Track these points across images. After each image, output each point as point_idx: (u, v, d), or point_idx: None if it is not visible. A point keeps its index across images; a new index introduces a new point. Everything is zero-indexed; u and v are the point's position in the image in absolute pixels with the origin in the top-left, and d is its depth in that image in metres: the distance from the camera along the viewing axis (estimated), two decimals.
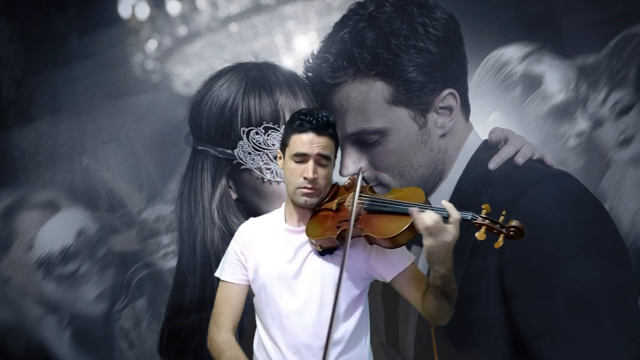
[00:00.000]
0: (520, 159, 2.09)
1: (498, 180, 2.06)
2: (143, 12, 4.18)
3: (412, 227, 1.75)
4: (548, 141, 3.39)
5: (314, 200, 1.86)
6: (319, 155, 1.83)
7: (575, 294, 1.92)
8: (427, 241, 1.72)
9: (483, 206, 1.74)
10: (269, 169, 2.09)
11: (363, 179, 1.92)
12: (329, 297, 1.82)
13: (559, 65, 3.46)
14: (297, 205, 1.87)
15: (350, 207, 1.82)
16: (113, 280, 3.72)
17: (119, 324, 3.73)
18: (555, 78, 3.43)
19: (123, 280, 3.74)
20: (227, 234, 2.08)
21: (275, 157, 2.08)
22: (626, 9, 3.50)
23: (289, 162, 1.85)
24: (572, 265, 1.93)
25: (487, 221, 1.73)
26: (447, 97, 2.12)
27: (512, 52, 3.45)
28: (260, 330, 1.89)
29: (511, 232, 1.71)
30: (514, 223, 1.71)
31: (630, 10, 3.47)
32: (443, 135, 2.14)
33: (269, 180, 2.09)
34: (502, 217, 1.73)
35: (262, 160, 2.08)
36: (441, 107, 2.12)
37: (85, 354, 3.69)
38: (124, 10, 4.18)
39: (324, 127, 1.83)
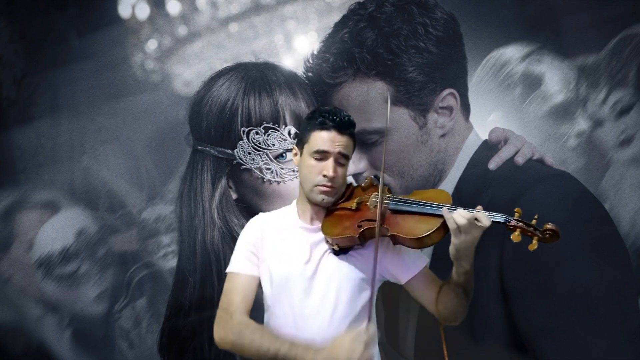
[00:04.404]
0: (520, 159, 2.08)
1: (498, 180, 2.06)
2: (143, 12, 4.19)
3: (442, 228, 1.75)
4: (548, 141, 3.39)
5: (331, 198, 1.83)
6: (340, 154, 1.80)
7: (575, 293, 1.92)
8: (458, 239, 1.72)
9: (516, 209, 1.73)
10: (269, 169, 2.09)
11: (378, 179, 1.91)
12: (344, 297, 1.81)
13: (559, 65, 3.46)
14: (313, 203, 1.85)
15: (373, 207, 1.81)
16: (113, 280, 3.72)
17: (119, 324, 3.73)
18: (555, 78, 3.44)
19: (123, 280, 3.74)
20: (227, 234, 2.08)
21: (275, 157, 2.08)
22: (626, 9, 3.50)
23: (308, 159, 1.82)
24: (572, 265, 1.93)
25: (520, 223, 1.72)
26: (447, 97, 2.12)
27: (512, 52, 3.46)
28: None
29: (547, 235, 1.70)
30: (549, 226, 1.70)
31: (630, 10, 3.47)
32: (443, 135, 2.14)
33: (269, 180, 2.09)
34: (534, 221, 1.72)
35: (262, 160, 2.08)
36: (441, 107, 2.12)
37: (85, 354, 3.69)
38: (124, 10, 4.18)
39: (346, 126, 1.81)
